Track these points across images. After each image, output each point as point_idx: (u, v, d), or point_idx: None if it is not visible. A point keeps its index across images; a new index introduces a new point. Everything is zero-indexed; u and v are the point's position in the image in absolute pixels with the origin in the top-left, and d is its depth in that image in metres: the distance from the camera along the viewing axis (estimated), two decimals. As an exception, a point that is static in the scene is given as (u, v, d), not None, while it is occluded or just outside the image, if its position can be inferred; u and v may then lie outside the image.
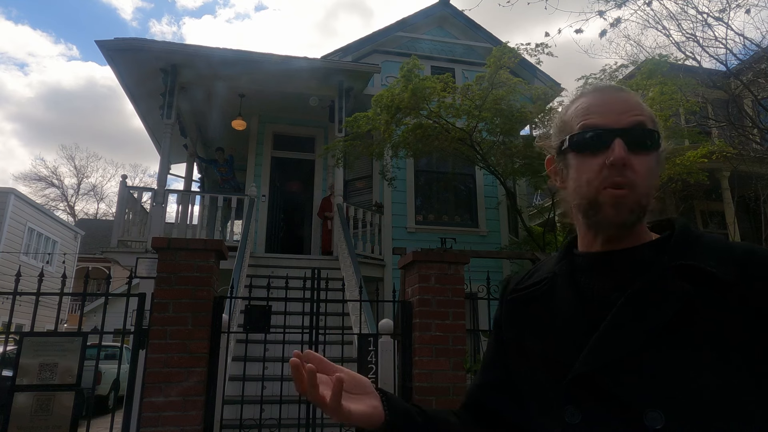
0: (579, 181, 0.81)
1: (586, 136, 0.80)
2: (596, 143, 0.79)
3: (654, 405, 0.67)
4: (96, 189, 38.03)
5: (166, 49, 8.10)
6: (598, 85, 0.87)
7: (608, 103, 0.81)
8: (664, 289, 0.72)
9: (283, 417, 3.61)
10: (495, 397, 0.92)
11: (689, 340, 0.69)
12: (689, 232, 0.79)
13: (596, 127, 0.79)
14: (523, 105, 7.54)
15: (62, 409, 3.07)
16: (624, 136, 0.77)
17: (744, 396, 0.66)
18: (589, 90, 0.86)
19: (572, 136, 0.82)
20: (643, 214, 0.78)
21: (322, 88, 8.66)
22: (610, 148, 0.77)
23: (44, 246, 18.60)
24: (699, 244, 0.77)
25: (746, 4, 8.46)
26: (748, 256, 0.73)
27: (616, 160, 0.75)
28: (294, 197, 10.10)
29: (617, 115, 0.79)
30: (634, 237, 0.81)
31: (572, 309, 0.80)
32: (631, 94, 0.83)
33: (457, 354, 3.60)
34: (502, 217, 9.50)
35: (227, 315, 3.69)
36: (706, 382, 0.66)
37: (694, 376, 0.67)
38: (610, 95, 0.83)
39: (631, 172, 0.76)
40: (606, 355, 0.72)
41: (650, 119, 0.81)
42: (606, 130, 0.78)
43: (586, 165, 0.80)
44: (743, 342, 0.67)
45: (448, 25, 10.69)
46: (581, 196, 0.81)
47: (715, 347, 0.68)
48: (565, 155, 0.84)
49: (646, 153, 0.78)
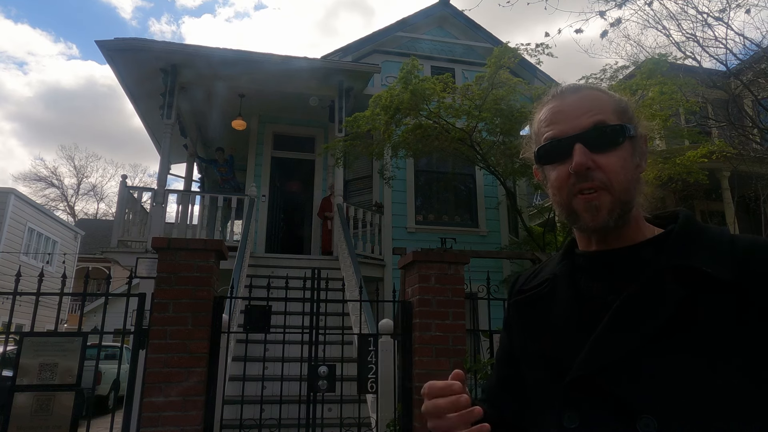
0: (553, 190, 0.82)
1: (548, 148, 0.81)
2: (558, 153, 0.80)
3: (648, 411, 0.66)
4: (96, 189, 38.07)
5: (166, 49, 8.09)
6: (557, 90, 0.86)
7: (566, 109, 0.81)
8: (660, 292, 0.71)
9: (283, 417, 3.61)
10: (499, 396, 0.94)
11: (685, 343, 0.68)
12: (691, 228, 0.77)
13: (555, 137, 0.80)
14: (523, 105, 7.54)
15: (62, 409, 3.07)
16: (584, 139, 0.77)
17: (741, 399, 0.64)
18: (549, 97, 0.86)
19: (538, 149, 0.83)
20: (628, 210, 0.78)
21: (322, 88, 8.66)
22: (572, 155, 0.77)
23: (44, 246, 18.59)
24: (699, 240, 0.75)
25: (746, 4, 8.44)
26: (750, 252, 0.71)
27: (576, 167, 0.76)
28: (294, 197, 10.09)
29: (575, 119, 0.79)
30: (631, 234, 0.80)
31: (571, 311, 0.80)
32: (589, 92, 0.83)
33: (457, 354, 3.60)
34: (502, 217, 9.50)
35: (227, 315, 3.69)
36: (702, 386, 0.65)
37: (689, 380, 0.66)
38: (568, 99, 0.82)
39: (600, 172, 0.76)
40: (602, 359, 0.71)
41: (615, 112, 0.80)
42: (565, 138, 0.79)
43: (556, 175, 0.80)
44: (742, 343, 0.66)
45: (448, 25, 10.69)
46: (557, 204, 0.82)
47: (711, 350, 0.66)
48: (541, 166, 0.85)
49: (613, 149, 0.77)
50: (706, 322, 0.68)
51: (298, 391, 3.67)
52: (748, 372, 0.65)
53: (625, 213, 0.77)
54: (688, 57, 8.35)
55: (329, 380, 3.50)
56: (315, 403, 3.55)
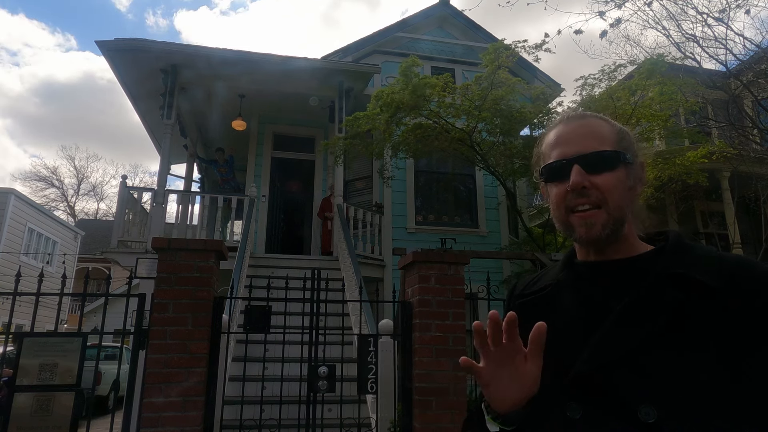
0: (553, 206, 0.91)
1: (551, 167, 0.91)
2: (559, 172, 0.89)
3: (647, 401, 0.73)
4: (96, 189, 38.07)
5: (166, 49, 8.09)
6: (565, 115, 0.96)
7: (569, 132, 0.91)
8: (659, 296, 0.79)
9: (283, 417, 3.61)
10: None
11: (681, 342, 0.75)
12: (681, 244, 0.86)
13: (558, 158, 0.90)
14: (522, 105, 7.53)
15: (62, 410, 3.07)
16: (582, 161, 0.86)
17: (729, 391, 0.71)
18: (557, 122, 0.96)
19: (543, 168, 0.93)
20: (620, 226, 0.86)
21: (322, 88, 8.67)
22: (570, 174, 0.86)
23: (44, 246, 18.59)
24: (691, 254, 0.83)
25: (746, 4, 8.46)
26: (738, 267, 0.80)
27: (573, 185, 0.85)
28: (294, 197, 10.09)
29: (577, 144, 0.89)
30: (627, 248, 0.88)
31: (574, 314, 0.87)
32: (592, 120, 0.92)
33: (457, 354, 3.59)
34: (502, 218, 9.50)
35: (227, 315, 3.69)
36: (696, 379, 0.72)
37: (685, 374, 0.73)
38: (573, 124, 0.92)
39: (596, 191, 0.85)
40: (605, 355, 0.78)
41: (613, 140, 0.89)
42: (566, 159, 0.88)
43: (556, 192, 0.90)
44: (729, 343, 0.73)
45: (448, 25, 10.69)
46: (556, 219, 0.91)
47: (703, 348, 0.74)
48: (545, 183, 0.94)
49: (609, 171, 0.86)
50: (699, 324, 0.76)
51: (298, 392, 3.66)
52: (733, 366, 0.72)
53: (618, 229, 0.86)
54: (687, 57, 8.35)
55: (329, 380, 3.50)
56: (315, 404, 3.55)
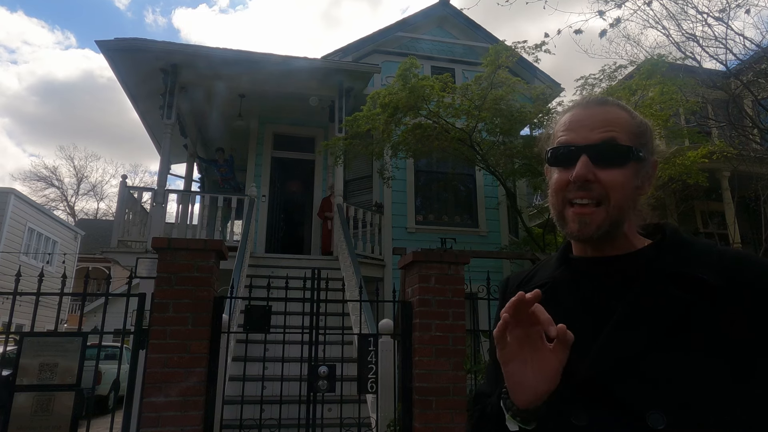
0: (551, 191, 0.85)
1: (558, 151, 0.84)
2: (565, 159, 0.82)
3: (656, 406, 0.69)
4: (96, 189, 38.05)
5: (166, 49, 8.09)
6: (584, 99, 0.89)
7: (584, 118, 0.84)
8: (661, 296, 0.75)
9: (283, 417, 3.61)
10: None
11: (686, 343, 0.72)
12: (680, 239, 0.82)
13: (567, 143, 0.83)
14: (522, 105, 7.53)
15: (62, 409, 3.07)
16: (591, 152, 0.80)
17: (739, 394, 0.68)
18: (575, 104, 0.89)
19: (549, 150, 0.86)
20: (617, 226, 0.80)
21: (322, 88, 8.66)
22: (576, 164, 0.80)
23: (44, 246, 18.58)
24: (691, 250, 0.79)
25: (746, 4, 8.46)
26: (739, 263, 0.76)
27: (577, 177, 0.79)
28: (294, 197, 10.10)
29: (588, 131, 0.82)
30: (625, 244, 0.83)
31: (575, 315, 0.81)
32: (612, 108, 0.85)
33: (458, 354, 3.59)
34: (502, 218, 9.49)
35: (227, 315, 3.69)
36: (704, 382, 0.69)
37: (693, 377, 0.70)
38: (590, 110, 0.85)
39: (599, 186, 0.79)
40: (609, 360, 0.74)
41: (630, 132, 0.82)
42: (574, 146, 0.82)
43: (557, 178, 0.84)
44: (736, 342, 0.70)
45: (448, 25, 10.69)
46: (552, 206, 0.85)
47: (710, 349, 0.71)
48: (548, 166, 0.87)
49: (617, 167, 0.80)
50: (704, 324, 0.72)
51: (298, 391, 3.67)
52: (738, 368, 0.69)
53: (614, 229, 0.81)
54: (687, 57, 8.35)
55: (329, 380, 3.50)
56: (315, 403, 3.55)
